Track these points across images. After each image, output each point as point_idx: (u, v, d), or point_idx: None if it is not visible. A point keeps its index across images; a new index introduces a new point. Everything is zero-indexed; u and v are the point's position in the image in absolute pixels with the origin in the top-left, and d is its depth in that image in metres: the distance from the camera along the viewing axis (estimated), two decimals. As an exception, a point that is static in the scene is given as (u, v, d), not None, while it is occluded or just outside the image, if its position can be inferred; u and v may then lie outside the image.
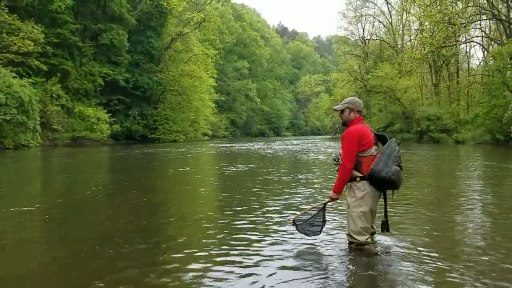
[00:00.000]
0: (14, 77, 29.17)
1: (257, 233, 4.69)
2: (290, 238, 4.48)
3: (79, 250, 4.18)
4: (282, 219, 5.40)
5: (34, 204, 7.31)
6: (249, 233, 4.71)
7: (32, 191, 9.16)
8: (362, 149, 3.90)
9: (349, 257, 3.82)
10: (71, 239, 4.69)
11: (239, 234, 4.69)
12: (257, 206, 6.34)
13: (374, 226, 4.11)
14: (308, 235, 4.25)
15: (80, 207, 6.85)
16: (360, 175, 3.89)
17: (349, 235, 3.99)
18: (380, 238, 4.29)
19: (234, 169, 12.78)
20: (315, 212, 4.22)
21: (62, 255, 4.08)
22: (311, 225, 4.20)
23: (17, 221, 5.60)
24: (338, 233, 4.63)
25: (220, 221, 5.46)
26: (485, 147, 25.99)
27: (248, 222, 5.29)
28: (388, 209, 4.09)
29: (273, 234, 4.64)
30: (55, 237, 4.80)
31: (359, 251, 3.88)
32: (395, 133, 41.82)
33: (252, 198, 7.17)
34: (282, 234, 4.63)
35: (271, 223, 5.19)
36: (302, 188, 8.38)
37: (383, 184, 3.83)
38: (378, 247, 4.03)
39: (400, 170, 3.84)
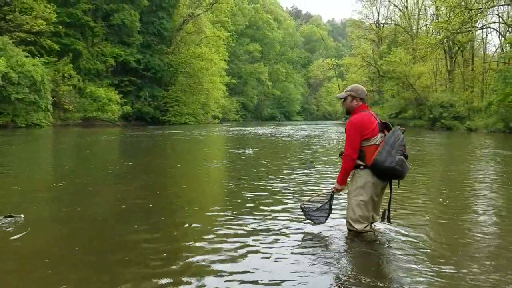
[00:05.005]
0: (27, 56, 29.38)
1: (264, 218, 4.68)
2: (291, 223, 4.47)
3: (89, 228, 4.22)
4: (287, 205, 5.40)
5: (45, 183, 7.40)
6: (255, 216, 4.71)
7: (44, 170, 9.26)
8: (364, 138, 3.83)
9: (346, 244, 3.79)
10: (82, 217, 4.71)
11: (245, 217, 4.68)
12: (266, 192, 6.33)
13: (376, 216, 4.05)
14: (314, 222, 4.23)
15: (91, 186, 6.90)
16: (364, 164, 3.84)
17: (348, 222, 3.97)
18: (380, 226, 4.24)
19: (248, 152, 12.78)
20: (323, 200, 4.22)
21: (71, 232, 4.11)
22: (318, 211, 4.19)
23: (29, 200, 5.67)
24: (339, 218, 4.60)
25: (228, 202, 5.46)
26: (498, 135, 25.59)
27: (257, 205, 5.29)
28: (393, 196, 4.01)
29: (273, 220, 4.64)
30: (66, 216, 4.84)
31: (356, 238, 3.85)
32: (407, 120, 41.40)
33: (262, 182, 7.16)
34: (284, 220, 4.62)
35: (277, 209, 5.18)
36: (313, 174, 8.35)
37: (387, 174, 3.77)
38: (377, 235, 3.99)
39: (405, 159, 3.75)
